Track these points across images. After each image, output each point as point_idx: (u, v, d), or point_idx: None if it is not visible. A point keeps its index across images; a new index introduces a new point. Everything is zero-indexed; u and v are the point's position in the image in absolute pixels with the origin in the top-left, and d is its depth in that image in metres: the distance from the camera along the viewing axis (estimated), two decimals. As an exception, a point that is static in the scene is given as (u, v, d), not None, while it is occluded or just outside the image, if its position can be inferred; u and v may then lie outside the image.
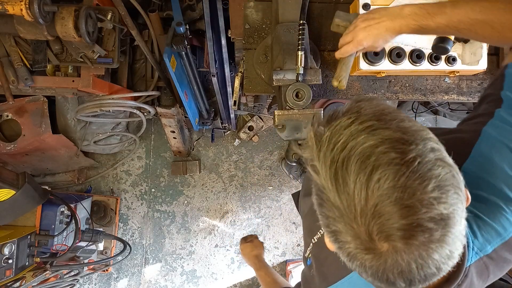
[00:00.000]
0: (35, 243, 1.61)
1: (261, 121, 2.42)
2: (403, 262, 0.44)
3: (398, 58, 1.10)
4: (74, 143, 1.96)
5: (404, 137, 0.45)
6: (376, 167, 0.44)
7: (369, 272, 0.47)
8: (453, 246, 0.45)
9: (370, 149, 0.44)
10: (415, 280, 0.46)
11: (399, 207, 0.42)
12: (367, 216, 0.44)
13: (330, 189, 0.47)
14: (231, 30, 1.28)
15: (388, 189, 0.43)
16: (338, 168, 0.46)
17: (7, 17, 1.28)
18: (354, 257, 0.48)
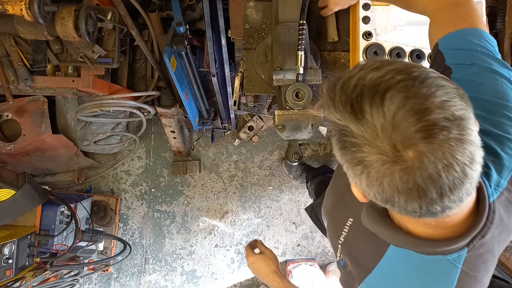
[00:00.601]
0: (35, 243, 1.61)
1: (261, 121, 2.42)
2: (430, 164, 0.45)
3: (398, 58, 1.10)
4: (74, 143, 1.96)
5: (405, 67, 0.50)
6: (386, 88, 0.48)
7: (400, 187, 0.48)
8: (473, 149, 0.47)
9: (378, 79, 0.49)
10: (445, 186, 0.47)
11: (414, 112, 0.46)
12: (388, 129, 0.47)
13: (351, 123, 0.50)
14: (231, 30, 1.29)
15: (402, 99, 0.46)
16: (354, 103, 0.49)
17: (7, 17, 1.28)
18: (383, 177, 0.48)
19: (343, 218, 0.85)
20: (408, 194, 0.48)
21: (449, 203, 0.49)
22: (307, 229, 2.42)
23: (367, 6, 1.11)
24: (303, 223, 2.42)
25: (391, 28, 1.14)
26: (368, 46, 1.10)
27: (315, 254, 2.41)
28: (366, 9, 1.11)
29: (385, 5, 1.14)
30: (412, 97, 0.46)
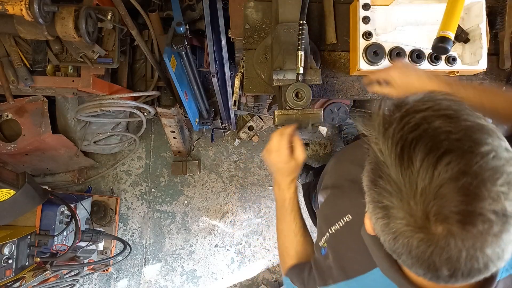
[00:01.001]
0: (35, 243, 1.61)
1: (261, 121, 2.42)
2: (455, 248, 0.43)
3: (398, 58, 1.10)
4: (74, 143, 1.96)
5: (479, 131, 0.44)
6: (448, 150, 0.43)
7: (413, 253, 0.46)
8: (506, 247, 0.44)
9: (445, 134, 0.44)
10: (459, 271, 0.44)
11: (465, 193, 0.42)
12: (428, 195, 0.43)
13: (392, 165, 0.46)
14: (231, 30, 1.28)
15: (458, 173, 0.42)
16: (405, 147, 0.45)
17: (7, 17, 1.28)
18: (401, 235, 0.46)
19: (342, 210, 0.82)
20: (419, 262, 0.46)
21: (455, 283, 0.47)
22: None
23: (367, 6, 1.11)
24: (303, 223, 2.42)
25: (391, 28, 1.14)
26: (368, 46, 1.10)
27: (315, 254, 2.41)
28: (366, 9, 1.11)
29: (385, 5, 1.14)
30: (470, 175, 0.41)
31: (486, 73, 1.21)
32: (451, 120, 0.45)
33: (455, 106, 0.47)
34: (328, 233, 0.80)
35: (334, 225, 0.80)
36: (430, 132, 0.45)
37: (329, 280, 0.74)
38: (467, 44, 1.13)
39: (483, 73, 1.21)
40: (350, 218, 0.79)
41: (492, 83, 1.23)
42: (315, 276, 0.79)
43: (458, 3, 0.88)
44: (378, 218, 0.49)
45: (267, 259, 2.42)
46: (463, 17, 1.15)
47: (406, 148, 0.45)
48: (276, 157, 0.91)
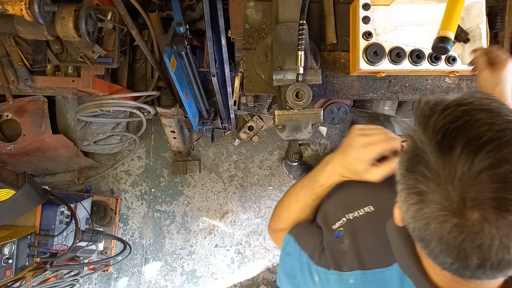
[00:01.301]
0: (35, 243, 1.61)
1: (261, 121, 2.42)
2: (488, 235, 0.43)
3: (398, 58, 1.10)
4: (74, 143, 1.96)
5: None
6: (490, 139, 0.43)
7: (444, 239, 0.46)
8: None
9: (487, 125, 0.44)
10: (489, 261, 0.44)
11: (504, 180, 0.42)
12: (466, 181, 0.43)
13: (431, 152, 0.47)
14: (231, 30, 1.28)
15: (498, 160, 0.42)
16: (447, 135, 0.46)
17: (7, 17, 1.28)
18: (434, 220, 0.46)
19: (365, 200, 0.81)
20: (448, 249, 0.46)
21: (482, 275, 0.47)
22: (307, 229, 2.42)
23: (367, 6, 1.11)
24: (303, 223, 2.42)
25: (391, 28, 1.14)
26: (368, 46, 1.10)
27: (315, 254, 2.41)
28: (366, 9, 1.11)
29: (385, 5, 1.14)
30: (508, 163, 0.42)
31: (486, 73, 1.21)
32: (493, 114, 0.46)
33: (496, 104, 0.48)
34: (345, 218, 0.79)
35: (353, 213, 0.79)
36: (472, 123, 0.45)
37: (344, 267, 0.72)
38: (467, 44, 1.13)
39: (483, 73, 1.21)
40: (372, 210, 0.78)
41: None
42: (327, 257, 0.76)
43: (458, 3, 0.88)
44: (411, 205, 0.49)
45: (267, 259, 2.42)
46: (463, 17, 1.15)
47: (447, 136, 0.46)
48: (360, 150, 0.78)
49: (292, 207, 0.93)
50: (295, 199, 0.92)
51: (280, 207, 0.96)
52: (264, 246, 2.42)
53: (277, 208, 0.98)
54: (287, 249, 0.89)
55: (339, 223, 0.79)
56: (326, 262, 0.76)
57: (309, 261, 0.79)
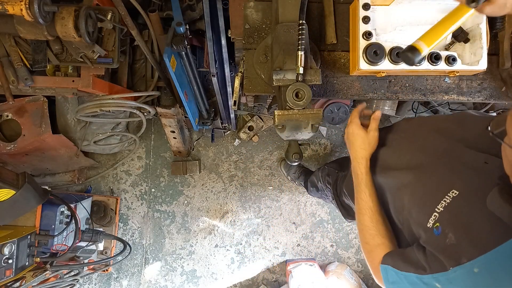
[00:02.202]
0: (35, 243, 1.61)
1: (261, 121, 2.42)
2: None
3: (398, 58, 1.10)
4: (74, 143, 1.96)
5: None
6: None
7: None
8: None
9: None
10: None
11: None
12: None
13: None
14: (231, 30, 1.29)
15: None
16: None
17: (7, 17, 1.28)
18: None
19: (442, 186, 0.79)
20: None
21: None
22: (307, 229, 2.42)
23: (367, 6, 1.11)
24: (303, 223, 2.42)
25: (391, 28, 1.14)
26: (368, 46, 1.10)
27: (315, 254, 2.41)
28: (366, 9, 1.11)
29: (385, 5, 1.14)
30: None
31: (486, 73, 1.21)
32: None
33: None
34: (436, 212, 0.77)
35: (440, 203, 0.77)
36: None
37: (462, 258, 0.69)
38: (467, 44, 1.13)
39: (483, 73, 1.21)
40: (457, 193, 0.77)
41: (491, 83, 1.23)
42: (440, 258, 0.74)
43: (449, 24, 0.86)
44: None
45: (267, 259, 2.42)
46: (463, 17, 1.15)
47: None
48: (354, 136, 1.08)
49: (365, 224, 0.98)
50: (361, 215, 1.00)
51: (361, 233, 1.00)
52: (264, 246, 2.42)
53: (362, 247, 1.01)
54: (390, 278, 0.87)
55: (432, 220, 0.78)
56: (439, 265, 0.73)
57: (419, 276, 0.77)
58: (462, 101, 1.37)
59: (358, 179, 1.05)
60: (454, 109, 2.04)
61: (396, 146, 1.09)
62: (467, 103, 1.98)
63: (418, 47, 0.85)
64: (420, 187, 0.88)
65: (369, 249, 0.97)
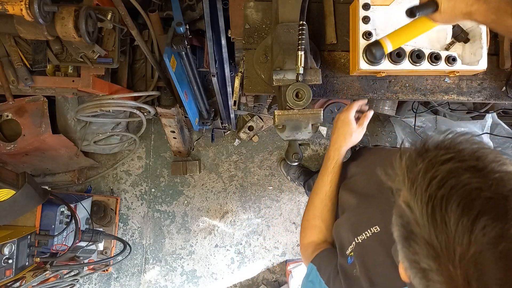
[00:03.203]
0: (35, 243, 1.61)
1: (261, 121, 2.42)
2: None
3: (398, 58, 1.10)
4: (74, 143, 1.96)
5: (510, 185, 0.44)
6: (482, 212, 0.42)
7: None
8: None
9: (476, 192, 0.43)
10: None
11: (505, 259, 0.41)
12: (468, 261, 0.42)
13: (425, 226, 0.45)
14: (231, 30, 1.29)
15: (495, 238, 0.41)
16: (436, 206, 0.44)
17: (7, 17, 1.28)
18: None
19: (370, 220, 0.82)
20: None
21: None
22: (307, 229, 2.42)
23: (367, 6, 1.11)
24: (303, 223, 2.42)
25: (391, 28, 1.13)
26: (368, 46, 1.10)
27: (315, 254, 2.41)
28: (366, 9, 1.11)
29: (385, 5, 1.14)
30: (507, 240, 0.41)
31: (486, 73, 1.21)
32: (479, 174, 0.44)
33: (479, 152, 0.47)
34: (354, 242, 0.81)
35: (361, 235, 0.80)
36: (460, 190, 0.44)
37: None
38: (467, 44, 1.13)
39: (483, 73, 1.21)
40: (378, 230, 0.79)
41: (491, 83, 1.23)
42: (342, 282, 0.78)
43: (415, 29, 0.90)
44: (416, 277, 0.48)
45: (267, 259, 2.42)
46: (463, 17, 1.15)
47: (437, 208, 0.44)
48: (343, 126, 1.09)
49: (315, 204, 1.02)
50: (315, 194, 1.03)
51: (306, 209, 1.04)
52: (264, 246, 2.42)
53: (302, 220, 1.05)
54: (310, 277, 0.92)
55: (350, 248, 0.82)
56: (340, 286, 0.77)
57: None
58: (462, 101, 1.37)
59: (327, 162, 1.09)
60: (454, 109, 2.04)
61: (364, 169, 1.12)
62: (467, 103, 1.98)
63: (382, 42, 0.89)
64: (356, 215, 0.92)
65: (306, 225, 1.04)
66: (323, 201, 1.04)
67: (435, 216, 0.44)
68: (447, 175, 0.45)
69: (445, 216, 0.43)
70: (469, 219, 0.42)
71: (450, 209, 0.43)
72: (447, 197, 0.44)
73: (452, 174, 0.45)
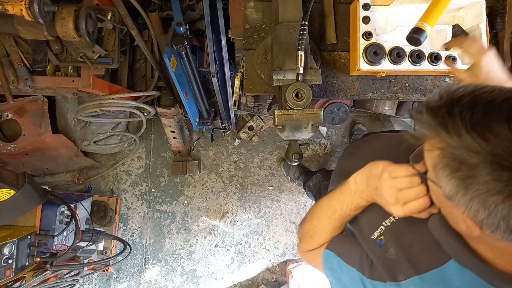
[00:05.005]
0: (35, 243, 1.61)
1: (261, 121, 2.42)
2: None
3: (398, 58, 1.10)
4: (74, 143, 1.96)
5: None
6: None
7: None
8: None
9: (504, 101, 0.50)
10: None
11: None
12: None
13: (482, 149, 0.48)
14: (231, 30, 1.28)
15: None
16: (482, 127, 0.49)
17: (7, 17, 1.28)
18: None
19: None
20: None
21: None
22: (307, 229, 2.42)
23: (367, 6, 1.11)
24: (303, 223, 2.42)
25: (391, 28, 1.14)
26: (368, 46, 1.10)
27: (315, 254, 2.41)
28: (366, 9, 1.11)
29: (385, 5, 1.14)
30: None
31: (486, 73, 1.21)
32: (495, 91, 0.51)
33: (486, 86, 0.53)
34: (383, 226, 0.79)
35: (389, 218, 0.79)
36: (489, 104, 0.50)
37: (400, 276, 0.70)
38: (467, 44, 1.13)
39: (483, 73, 1.21)
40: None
41: (492, 83, 1.23)
42: (379, 269, 0.74)
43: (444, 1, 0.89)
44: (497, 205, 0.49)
45: (267, 259, 2.42)
46: (463, 17, 1.15)
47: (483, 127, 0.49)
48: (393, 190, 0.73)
49: (325, 228, 0.90)
50: (328, 220, 0.88)
51: (311, 228, 0.93)
52: (264, 246, 2.42)
53: (307, 229, 0.94)
54: (328, 264, 0.86)
55: (377, 232, 0.79)
56: (380, 275, 0.74)
57: (362, 276, 0.77)
58: (462, 101, 1.36)
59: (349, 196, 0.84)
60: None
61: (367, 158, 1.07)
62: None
63: (421, 27, 0.88)
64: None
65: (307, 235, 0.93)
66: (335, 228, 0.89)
67: (485, 134, 0.48)
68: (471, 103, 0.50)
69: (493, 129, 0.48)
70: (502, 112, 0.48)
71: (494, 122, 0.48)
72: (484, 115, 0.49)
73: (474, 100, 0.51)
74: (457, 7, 1.13)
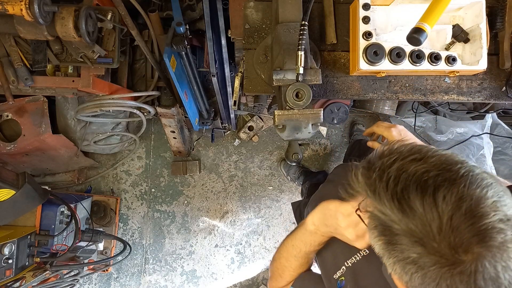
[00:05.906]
0: (35, 243, 1.61)
1: (261, 121, 2.42)
2: (490, 267, 0.46)
3: (398, 58, 1.10)
4: (74, 143, 1.96)
5: (448, 161, 0.52)
6: (437, 187, 0.49)
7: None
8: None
9: (424, 174, 0.50)
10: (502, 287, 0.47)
11: (471, 215, 0.46)
12: (445, 231, 0.47)
13: (400, 220, 0.50)
14: (231, 30, 1.28)
15: (456, 201, 0.47)
16: (401, 199, 0.50)
17: (7, 17, 1.28)
18: (442, 279, 0.48)
19: None
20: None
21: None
22: (307, 229, 2.42)
23: (367, 6, 1.11)
24: (303, 223, 2.42)
25: (391, 28, 1.14)
26: (368, 46, 1.10)
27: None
28: (366, 9, 1.11)
29: (385, 5, 1.14)
30: (466, 199, 0.47)
31: (486, 73, 1.21)
32: (421, 161, 0.52)
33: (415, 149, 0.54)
34: (344, 266, 0.81)
35: (351, 258, 0.81)
36: (412, 178, 0.50)
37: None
38: (467, 44, 1.13)
39: (483, 73, 1.21)
40: (367, 252, 0.80)
41: (491, 83, 1.23)
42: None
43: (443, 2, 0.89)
44: (413, 274, 0.51)
45: (267, 259, 2.42)
46: (463, 17, 1.15)
47: (402, 200, 0.50)
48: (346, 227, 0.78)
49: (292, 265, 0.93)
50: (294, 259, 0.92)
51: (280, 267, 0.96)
52: (264, 246, 2.42)
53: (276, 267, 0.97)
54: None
55: (339, 272, 0.81)
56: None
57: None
58: (462, 101, 1.37)
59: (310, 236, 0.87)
60: (454, 109, 2.04)
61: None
62: (467, 103, 1.98)
63: (421, 27, 0.88)
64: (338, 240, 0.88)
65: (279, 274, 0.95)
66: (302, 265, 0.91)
67: (403, 207, 0.50)
68: (398, 172, 0.52)
69: (410, 203, 0.49)
70: (429, 196, 0.48)
71: (411, 196, 0.49)
72: (405, 188, 0.50)
73: (401, 170, 0.52)
74: (457, 7, 1.14)
